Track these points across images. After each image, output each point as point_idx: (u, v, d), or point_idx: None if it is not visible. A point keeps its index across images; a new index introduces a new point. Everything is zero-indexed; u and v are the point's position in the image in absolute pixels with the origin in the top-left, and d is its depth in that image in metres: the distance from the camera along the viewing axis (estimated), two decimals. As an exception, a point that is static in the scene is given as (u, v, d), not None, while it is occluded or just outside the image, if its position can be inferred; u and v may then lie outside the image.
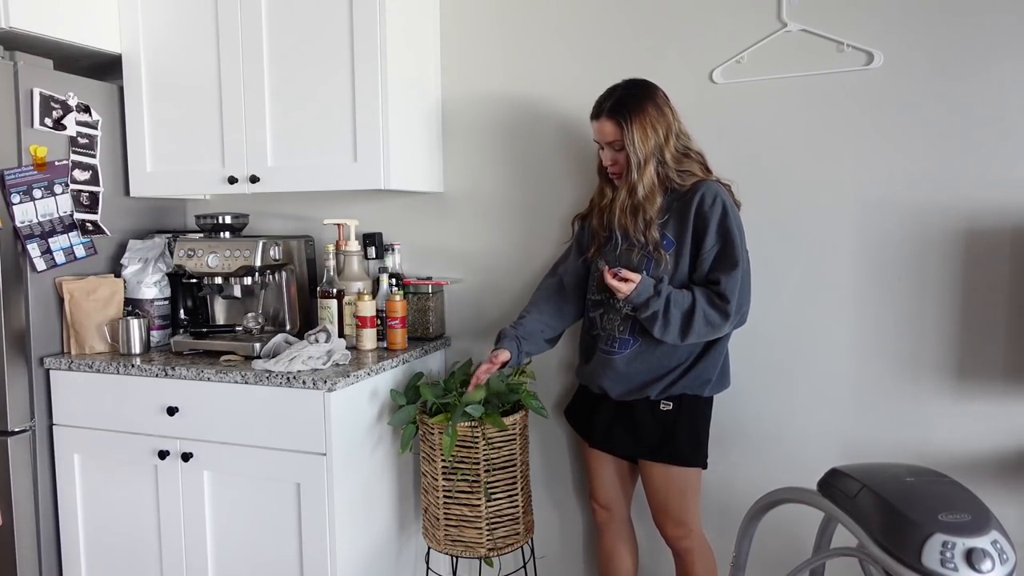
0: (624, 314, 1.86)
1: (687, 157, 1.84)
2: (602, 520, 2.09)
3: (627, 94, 1.83)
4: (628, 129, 1.78)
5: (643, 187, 1.80)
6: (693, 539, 1.94)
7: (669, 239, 1.82)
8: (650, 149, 1.79)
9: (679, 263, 1.82)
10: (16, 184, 2.08)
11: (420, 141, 2.27)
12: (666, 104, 1.83)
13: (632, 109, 1.79)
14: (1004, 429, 1.92)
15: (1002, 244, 1.90)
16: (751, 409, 2.13)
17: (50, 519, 2.22)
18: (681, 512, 1.91)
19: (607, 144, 1.86)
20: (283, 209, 2.59)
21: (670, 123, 1.81)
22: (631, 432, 1.91)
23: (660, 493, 1.92)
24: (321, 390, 1.88)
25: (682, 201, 1.82)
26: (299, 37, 2.15)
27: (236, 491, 2.01)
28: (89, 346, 2.22)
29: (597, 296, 1.96)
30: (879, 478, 1.32)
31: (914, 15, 1.92)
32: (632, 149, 1.79)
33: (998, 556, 1.15)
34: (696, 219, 1.79)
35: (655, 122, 1.79)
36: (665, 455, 1.88)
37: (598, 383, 1.94)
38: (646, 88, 1.85)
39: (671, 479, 1.90)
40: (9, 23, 2.04)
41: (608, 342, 1.91)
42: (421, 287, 2.35)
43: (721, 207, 1.78)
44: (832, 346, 2.05)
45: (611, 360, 1.89)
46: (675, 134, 1.82)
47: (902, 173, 1.96)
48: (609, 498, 2.06)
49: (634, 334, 1.86)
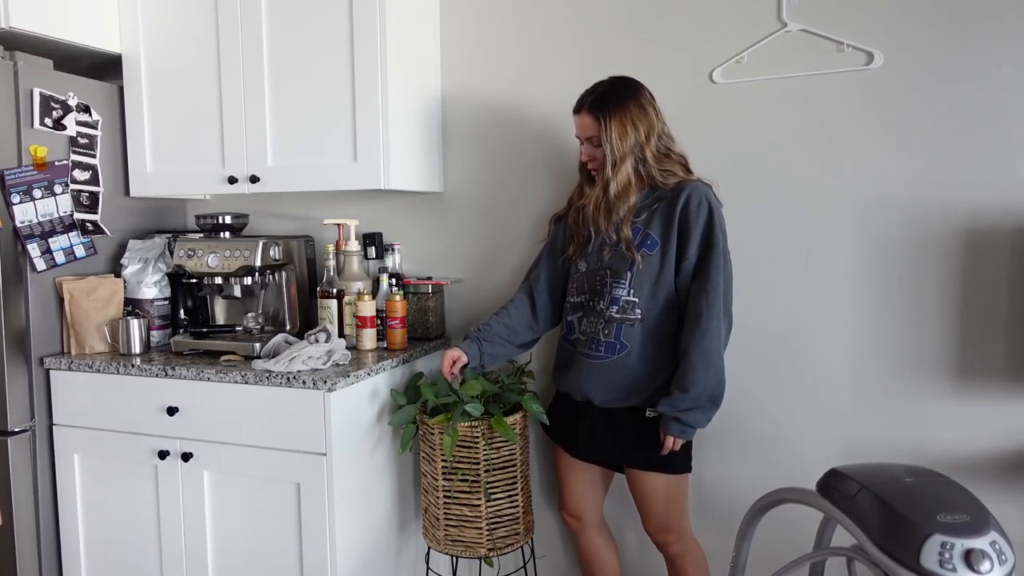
0: (608, 317, 1.83)
1: (668, 158, 1.83)
2: (575, 528, 2.09)
3: (610, 90, 1.82)
4: (606, 125, 1.77)
5: (616, 184, 1.78)
6: (684, 543, 1.93)
7: (653, 239, 1.80)
8: (628, 147, 1.77)
9: (664, 263, 1.80)
10: (16, 184, 2.08)
11: (420, 141, 2.27)
12: (650, 104, 1.82)
13: (612, 105, 1.78)
14: (1004, 429, 1.92)
15: (1002, 244, 1.90)
16: (750, 409, 2.13)
17: (50, 519, 2.22)
18: (670, 519, 1.90)
19: (586, 139, 1.85)
20: (283, 209, 2.59)
21: (652, 123, 1.80)
22: (616, 441, 1.88)
23: (649, 501, 1.89)
24: (321, 390, 1.88)
25: (667, 201, 1.80)
26: (299, 37, 2.15)
27: (236, 491, 2.01)
28: (89, 346, 2.22)
29: (576, 299, 1.93)
30: (878, 478, 1.32)
31: (914, 15, 1.92)
32: (608, 146, 1.77)
33: (997, 557, 1.15)
34: (681, 220, 1.78)
35: (636, 120, 1.78)
36: (653, 464, 1.84)
37: (582, 390, 1.90)
38: (630, 86, 1.83)
39: (659, 487, 1.87)
40: (9, 23, 2.05)
41: (592, 346, 1.87)
42: (421, 287, 2.35)
43: (707, 210, 1.77)
44: (832, 346, 2.05)
45: (596, 365, 1.86)
46: (657, 134, 1.81)
47: (902, 173, 1.96)
48: (579, 508, 2.05)
49: (620, 338, 1.83)
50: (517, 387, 2.09)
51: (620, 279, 1.82)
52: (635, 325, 1.82)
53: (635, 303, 1.81)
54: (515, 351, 2.05)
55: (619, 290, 1.82)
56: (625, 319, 1.82)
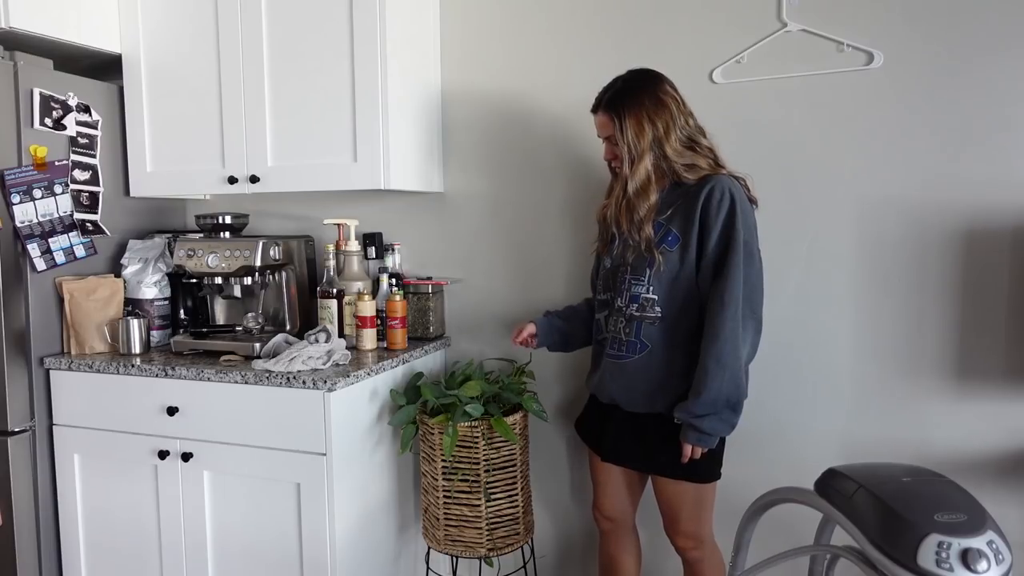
0: (629, 315, 1.78)
1: (693, 151, 1.75)
2: (606, 529, 2.01)
3: (624, 87, 1.77)
4: (621, 124, 1.73)
5: (635, 183, 1.73)
6: (705, 549, 1.88)
7: (675, 235, 1.73)
8: (646, 144, 1.71)
9: (684, 259, 1.73)
10: (16, 184, 2.08)
11: (420, 141, 2.27)
12: (668, 95, 1.75)
13: (626, 104, 1.73)
14: (1004, 429, 1.92)
15: (1002, 244, 1.89)
16: (750, 409, 2.10)
17: (50, 519, 2.22)
18: (694, 525, 1.84)
19: (605, 139, 1.81)
20: (283, 209, 2.59)
21: (672, 116, 1.73)
22: (643, 447, 1.81)
23: (673, 508, 1.84)
24: (321, 390, 1.88)
25: (689, 196, 1.73)
26: (299, 37, 2.15)
27: (236, 491, 2.01)
28: (89, 346, 2.23)
29: (602, 296, 1.90)
30: (876, 478, 1.32)
31: (914, 15, 1.92)
32: (624, 144, 1.73)
33: (994, 556, 1.15)
34: (702, 215, 1.70)
35: (653, 116, 1.71)
36: (680, 472, 1.77)
37: (607, 392, 1.86)
38: (647, 80, 1.77)
39: (685, 495, 1.81)
40: (9, 23, 2.05)
41: (615, 345, 1.82)
42: (421, 287, 2.35)
43: (729, 204, 1.68)
44: (832, 346, 2.05)
45: (619, 365, 1.81)
46: (679, 127, 1.73)
47: (902, 173, 1.96)
48: (615, 511, 1.98)
49: (640, 336, 1.77)
50: (517, 387, 2.09)
51: (639, 276, 1.77)
52: (655, 323, 1.76)
53: (654, 300, 1.75)
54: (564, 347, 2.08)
55: (638, 287, 1.77)
56: (645, 317, 1.76)
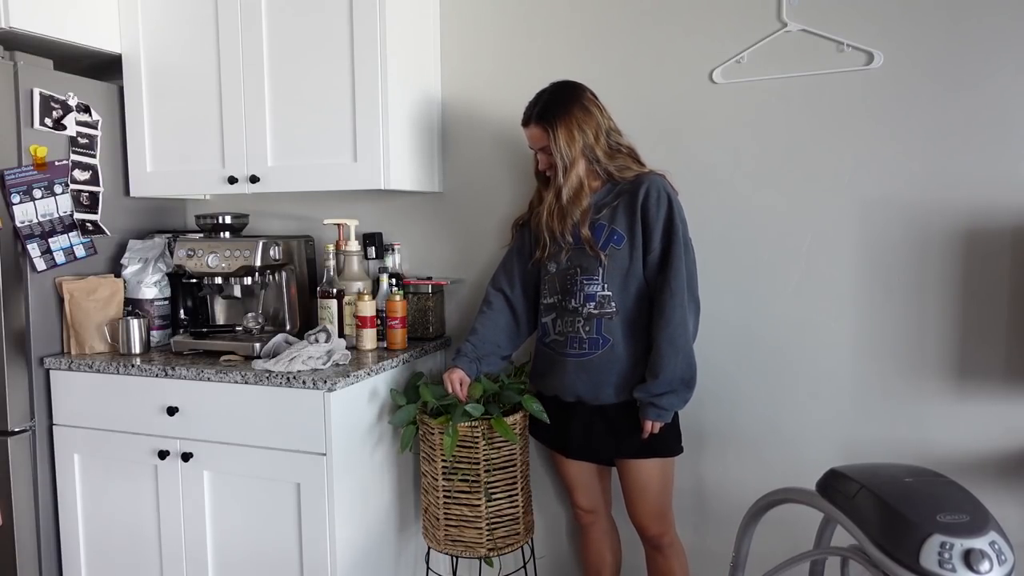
0: (587, 313, 1.87)
1: (619, 153, 1.88)
2: (587, 522, 2.11)
3: (552, 99, 1.87)
4: (554, 134, 1.83)
5: (568, 190, 1.84)
6: (672, 534, 1.97)
7: (620, 234, 1.84)
8: (578, 151, 1.83)
9: (633, 255, 1.84)
10: (16, 184, 2.08)
11: (420, 141, 2.27)
12: (593, 104, 1.86)
13: (557, 114, 1.84)
14: (1005, 429, 1.92)
15: (1003, 244, 1.89)
16: (750, 409, 2.13)
17: (50, 519, 2.22)
18: (663, 505, 1.95)
19: (539, 149, 1.90)
20: (283, 209, 2.59)
21: (599, 122, 1.85)
22: (612, 434, 1.90)
23: (645, 490, 1.92)
24: (321, 390, 1.88)
25: (628, 194, 1.85)
26: (299, 37, 2.15)
27: (236, 491, 2.01)
28: (89, 346, 2.22)
29: (549, 299, 1.96)
30: (877, 479, 1.32)
31: (914, 15, 1.92)
32: (558, 153, 1.83)
33: (996, 557, 1.15)
34: (643, 214, 1.82)
35: (582, 123, 1.83)
36: (653, 451, 1.88)
37: (572, 390, 1.92)
38: (571, 90, 1.88)
39: (655, 473, 1.91)
40: (9, 23, 2.05)
41: (576, 344, 1.89)
42: (421, 287, 2.35)
43: (667, 202, 1.81)
44: (832, 346, 2.05)
45: (583, 363, 1.89)
46: (605, 132, 1.86)
47: (902, 173, 1.96)
48: (594, 502, 2.08)
49: (601, 332, 1.86)
50: (517, 387, 2.09)
51: (592, 275, 1.86)
52: (613, 318, 1.86)
53: (609, 297, 1.85)
54: (502, 364, 2.08)
55: (592, 286, 1.86)
56: (603, 313, 1.86)
